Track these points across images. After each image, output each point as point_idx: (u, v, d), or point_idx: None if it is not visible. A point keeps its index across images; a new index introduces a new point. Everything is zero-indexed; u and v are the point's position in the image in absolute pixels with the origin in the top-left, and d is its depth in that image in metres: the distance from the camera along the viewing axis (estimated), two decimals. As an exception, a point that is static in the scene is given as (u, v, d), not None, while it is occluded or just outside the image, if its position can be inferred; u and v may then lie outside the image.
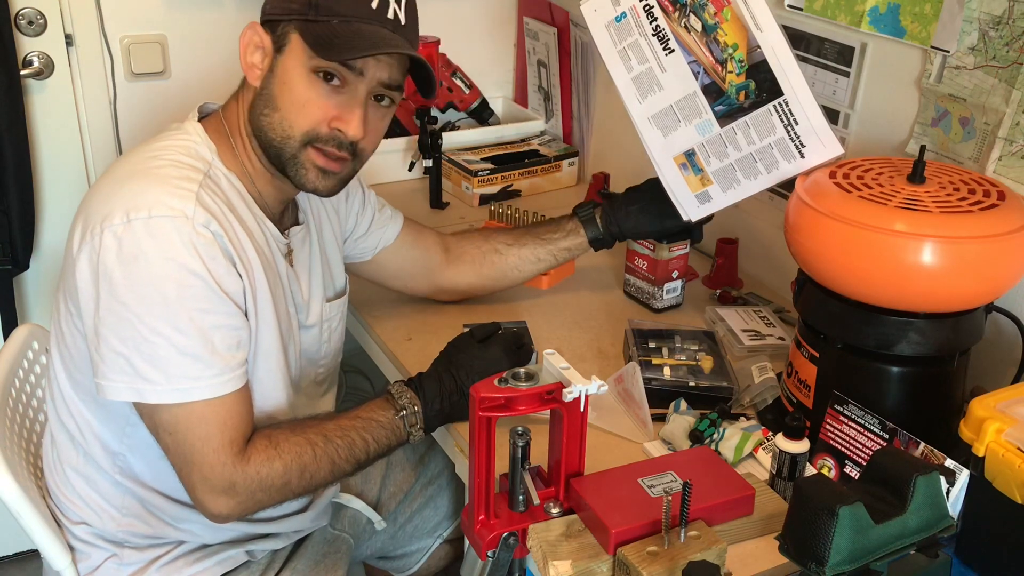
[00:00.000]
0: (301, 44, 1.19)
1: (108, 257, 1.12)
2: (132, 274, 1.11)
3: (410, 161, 2.21)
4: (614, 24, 1.49)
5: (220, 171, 1.24)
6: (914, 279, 1.14)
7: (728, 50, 1.42)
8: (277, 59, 1.21)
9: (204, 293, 1.14)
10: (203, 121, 1.29)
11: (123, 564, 1.33)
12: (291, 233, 1.35)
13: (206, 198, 1.17)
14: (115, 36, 2.07)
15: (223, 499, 1.17)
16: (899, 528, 0.94)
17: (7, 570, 2.36)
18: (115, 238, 1.11)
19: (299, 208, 1.40)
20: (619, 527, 1.02)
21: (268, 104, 1.23)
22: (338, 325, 1.48)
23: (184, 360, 1.13)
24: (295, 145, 1.23)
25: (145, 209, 1.12)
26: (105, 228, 1.12)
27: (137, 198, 1.13)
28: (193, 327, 1.13)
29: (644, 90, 1.50)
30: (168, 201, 1.13)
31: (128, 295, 1.11)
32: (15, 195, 1.94)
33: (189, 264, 1.12)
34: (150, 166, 1.19)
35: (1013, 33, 1.28)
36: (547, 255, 1.62)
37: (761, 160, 1.45)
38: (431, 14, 2.32)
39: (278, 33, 1.21)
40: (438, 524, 1.71)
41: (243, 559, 1.39)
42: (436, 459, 1.72)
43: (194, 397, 1.14)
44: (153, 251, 1.11)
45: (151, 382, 1.13)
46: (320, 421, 1.26)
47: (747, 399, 1.41)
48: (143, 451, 1.26)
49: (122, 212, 1.12)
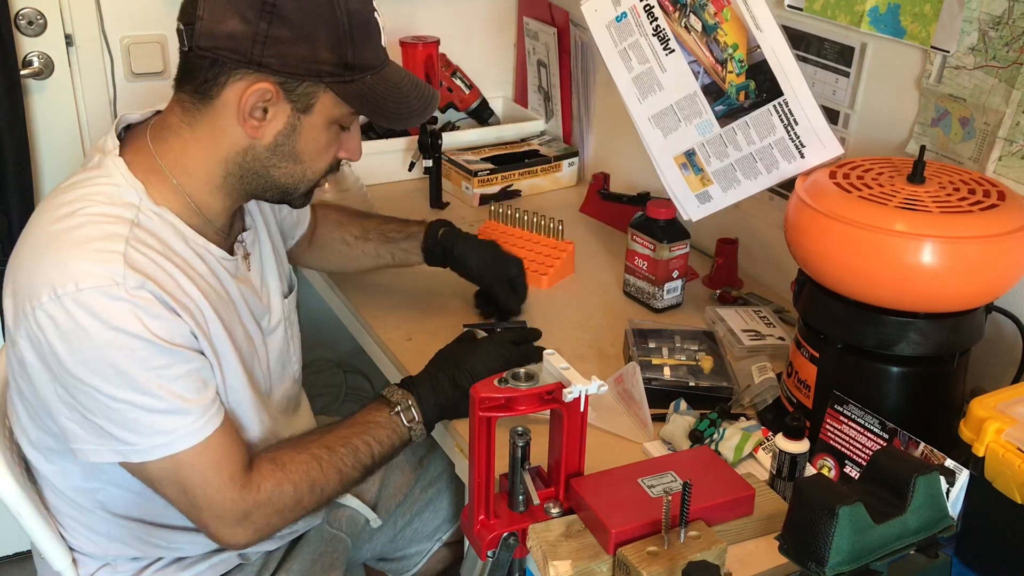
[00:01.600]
0: (335, 103, 1.16)
1: (48, 337, 1.07)
2: (76, 350, 1.06)
3: (410, 161, 2.21)
4: (614, 24, 1.49)
5: (151, 211, 1.15)
6: (914, 279, 1.14)
7: (728, 50, 1.42)
8: (302, 118, 1.16)
9: (153, 352, 1.09)
10: (126, 153, 1.18)
11: (116, 572, 1.34)
12: (243, 238, 1.32)
13: (135, 255, 1.10)
14: (115, 36, 2.07)
15: (240, 530, 1.17)
16: (899, 528, 0.94)
17: (7, 570, 2.36)
18: (48, 317, 1.06)
19: (245, 211, 1.36)
20: (619, 527, 1.02)
21: (287, 159, 1.19)
22: (295, 320, 1.46)
23: (154, 418, 1.10)
24: (310, 186, 1.25)
25: (72, 283, 1.05)
26: (35, 307, 1.07)
27: (60, 271, 1.06)
28: (153, 386, 1.09)
29: (644, 90, 1.50)
30: (94, 270, 1.06)
31: (79, 370, 1.07)
32: (15, 195, 1.95)
33: (131, 329, 1.07)
34: (68, 227, 1.10)
35: (1013, 33, 1.28)
36: (386, 253, 1.64)
37: (761, 160, 1.45)
38: (431, 14, 2.33)
39: (298, 92, 1.13)
40: (438, 527, 1.71)
41: (236, 562, 1.39)
42: (436, 461, 1.72)
43: (177, 448, 1.12)
44: (91, 325, 1.06)
45: (129, 444, 1.11)
46: (320, 434, 1.25)
47: (747, 399, 1.41)
48: (120, 483, 1.24)
49: (48, 289, 1.06)
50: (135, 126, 1.24)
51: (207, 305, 1.18)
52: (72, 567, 1.32)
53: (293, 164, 1.20)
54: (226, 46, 1.10)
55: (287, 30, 1.09)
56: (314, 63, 1.12)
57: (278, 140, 1.17)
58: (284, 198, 1.26)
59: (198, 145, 1.17)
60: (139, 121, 1.24)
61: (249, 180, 1.20)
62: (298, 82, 1.13)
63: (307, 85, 1.14)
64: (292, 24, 1.09)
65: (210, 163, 1.18)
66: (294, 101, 1.14)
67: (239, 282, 1.28)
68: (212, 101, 1.14)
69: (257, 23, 1.08)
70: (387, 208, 2.06)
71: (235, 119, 1.14)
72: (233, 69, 1.11)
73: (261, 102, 1.13)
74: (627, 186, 2.08)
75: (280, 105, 1.14)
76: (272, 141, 1.17)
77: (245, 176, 1.20)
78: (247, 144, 1.17)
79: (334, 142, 1.22)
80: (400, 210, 2.06)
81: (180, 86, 1.17)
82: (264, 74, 1.11)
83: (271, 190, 1.23)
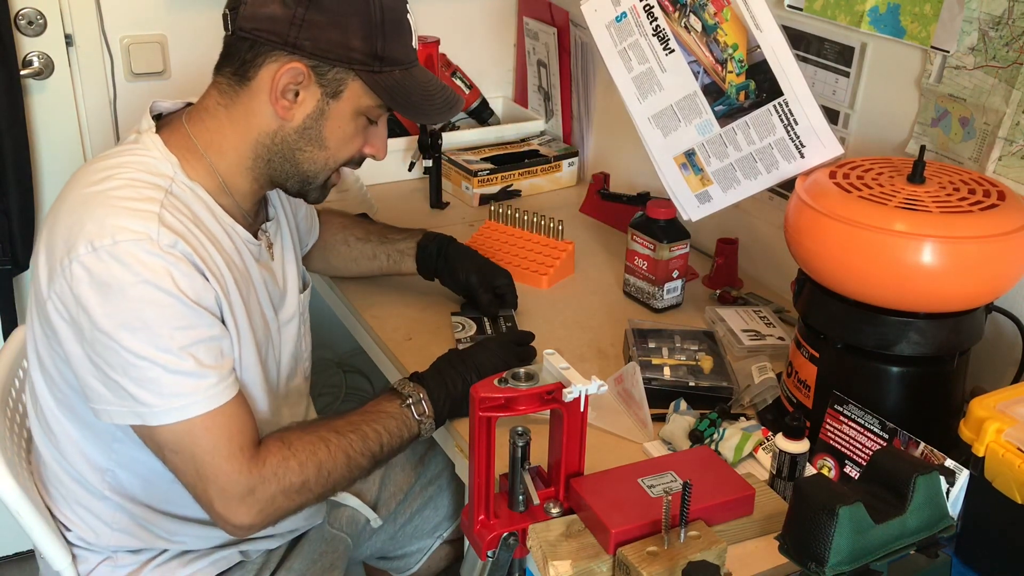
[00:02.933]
0: (363, 93, 1.22)
1: (81, 288, 1.10)
2: (108, 302, 1.10)
3: (410, 161, 2.22)
4: (614, 24, 1.49)
5: (184, 184, 1.21)
6: (914, 279, 1.14)
7: (728, 50, 1.42)
8: (331, 103, 1.21)
9: (181, 311, 1.13)
10: (162, 132, 1.24)
11: (117, 566, 1.34)
12: (267, 227, 1.36)
13: (169, 217, 1.15)
14: (115, 36, 2.07)
15: (243, 508, 1.16)
16: (899, 528, 0.94)
17: (7, 570, 2.36)
18: (84, 269, 1.10)
19: (268, 202, 1.40)
20: (619, 527, 1.02)
21: (313, 143, 1.24)
22: (307, 319, 1.48)
23: (174, 379, 1.12)
24: (329, 174, 1.29)
25: (109, 236, 1.10)
26: (73, 260, 1.10)
27: (98, 226, 1.11)
28: (176, 345, 1.12)
29: (644, 90, 1.50)
30: (131, 225, 1.11)
31: (107, 323, 1.10)
32: (15, 195, 1.95)
33: (162, 284, 1.11)
34: (105, 189, 1.15)
35: (1013, 33, 1.28)
36: (382, 253, 1.67)
37: (761, 160, 1.45)
38: (431, 14, 2.33)
39: (329, 77, 1.20)
40: (438, 525, 1.72)
41: (237, 559, 1.39)
42: (436, 460, 1.73)
43: (192, 413, 1.13)
44: (125, 276, 1.10)
45: (147, 405, 1.13)
46: (329, 419, 1.26)
47: (747, 399, 1.41)
48: (132, 466, 1.26)
49: (86, 242, 1.10)
50: (166, 115, 1.30)
51: (231, 279, 1.22)
52: (72, 566, 1.32)
53: (318, 150, 1.25)
54: (266, 28, 1.17)
55: (322, 15, 1.16)
56: (345, 49, 1.18)
57: (306, 123, 1.22)
58: (303, 187, 1.30)
59: (233, 126, 1.23)
60: (171, 111, 1.30)
61: (276, 164, 1.25)
62: (329, 66, 1.19)
63: (338, 71, 1.19)
64: (327, 10, 1.16)
65: (242, 144, 1.24)
66: (324, 86, 1.20)
67: (261, 267, 1.32)
68: (248, 83, 1.21)
69: (295, 7, 1.16)
70: (387, 208, 2.07)
71: (268, 100, 1.20)
72: (270, 51, 1.18)
73: (293, 83, 1.19)
74: (627, 186, 2.08)
75: (311, 89, 1.20)
76: (301, 124, 1.22)
77: (273, 160, 1.25)
78: (277, 126, 1.22)
79: (360, 133, 1.27)
80: (400, 210, 2.08)
81: (219, 70, 1.24)
82: (298, 56, 1.18)
83: (293, 176, 1.27)
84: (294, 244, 1.45)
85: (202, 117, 1.25)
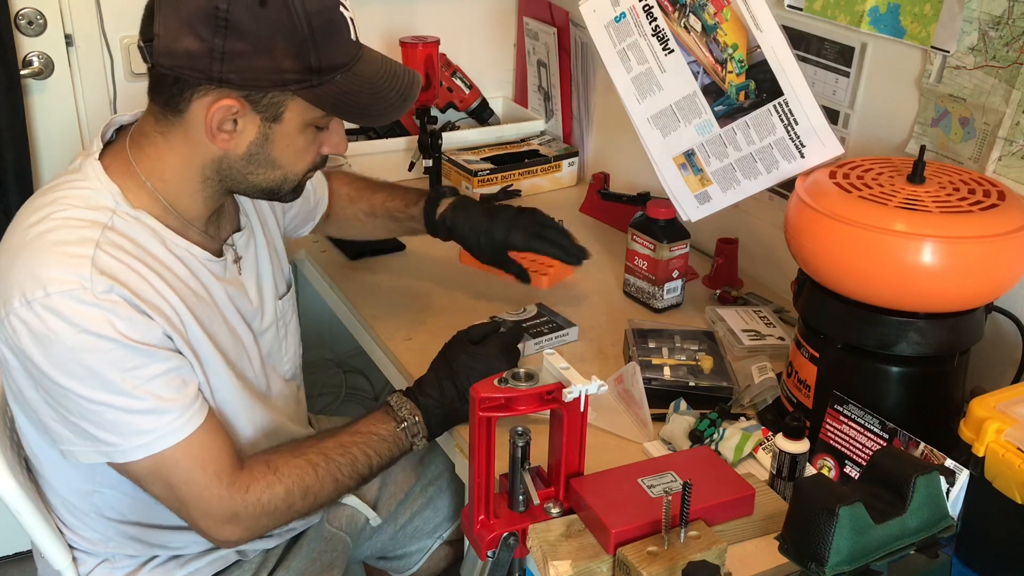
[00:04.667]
0: (305, 108, 1.14)
1: (22, 342, 1.08)
2: (50, 354, 1.08)
3: (410, 161, 2.21)
4: (614, 24, 1.49)
5: (127, 215, 1.15)
6: (914, 279, 1.14)
7: (728, 50, 1.42)
8: (273, 127, 1.14)
9: (126, 353, 1.10)
10: (106, 157, 1.19)
11: (115, 568, 1.34)
12: (235, 239, 1.31)
13: (104, 259, 1.10)
14: (115, 36, 2.07)
15: (229, 528, 1.17)
16: (899, 528, 0.94)
17: (7, 570, 2.36)
18: (21, 323, 1.08)
19: (239, 210, 1.36)
20: (619, 527, 1.02)
21: (264, 165, 1.18)
22: (292, 319, 1.46)
23: (133, 418, 1.11)
24: (293, 184, 1.23)
25: (40, 288, 1.07)
26: (9, 313, 1.08)
27: (30, 277, 1.08)
28: (128, 387, 1.10)
29: (644, 90, 1.50)
30: (62, 276, 1.07)
31: (54, 373, 1.08)
32: (15, 195, 1.94)
33: (101, 331, 1.08)
34: (41, 231, 1.11)
35: (1013, 33, 1.28)
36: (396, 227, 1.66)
37: (761, 160, 1.45)
38: (431, 14, 2.33)
39: (264, 103, 1.12)
40: (438, 525, 1.71)
41: (234, 558, 1.39)
42: (436, 460, 1.72)
43: (158, 448, 1.13)
44: (61, 328, 1.07)
45: (111, 444, 1.12)
46: (319, 440, 1.25)
47: (747, 399, 1.41)
48: (117, 486, 1.25)
49: (19, 295, 1.07)
50: (125, 128, 1.24)
51: (183, 307, 1.18)
52: (72, 566, 1.32)
53: (272, 170, 1.19)
54: (185, 64, 1.09)
55: (243, 43, 1.07)
56: (277, 73, 1.10)
57: (251, 150, 1.16)
58: (271, 197, 1.25)
59: (173, 154, 1.17)
60: (130, 123, 1.24)
61: (229, 184, 1.21)
62: (263, 93, 1.11)
63: (273, 95, 1.12)
64: (248, 37, 1.07)
65: (187, 171, 1.18)
66: (262, 112, 1.13)
67: (226, 283, 1.28)
68: (181, 115, 1.13)
69: (212, 39, 1.07)
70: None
71: (205, 134, 1.13)
72: (196, 85, 1.10)
73: (228, 117, 1.12)
74: (627, 186, 2.08)
75: (248, 116, 1.13)
76: (246, 151, 1.16)
77: (224, 180, 1.20)
78: (221, 154, 1.16)
79: (312, 143, 1.21)
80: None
81: (151, 98, 1.16)
82: (227, 89, 1.10)
83: (254, 192, 1.23)
84: (272, 248, 1.41)
85: (141, 144, 1.18)
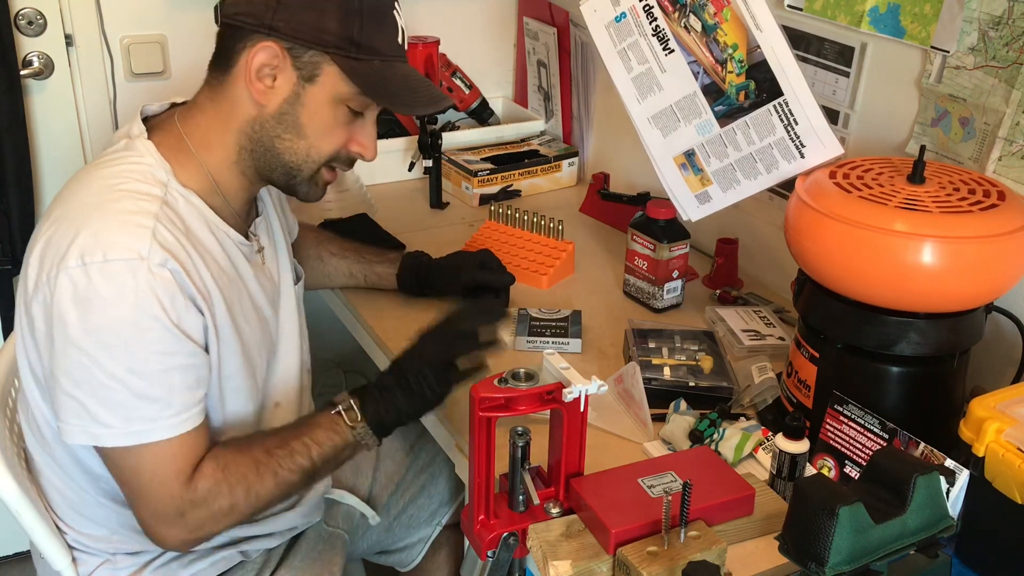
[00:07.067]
0: (340, 79, 1.19)
1: (62, 300, 1.09)
2: (87, 318, 1.09)
3: (410, 161, 2.22)
4: (614, 24, 1.49)
5: (177, 192, 1.19)
6: (914, 279, 1.14)
7: (728, 50, 1.42)
8: (306, 88, 1.19)
9: (163, 335, 1.11)
10: (153, 136, 1.23)
11: (117, 569, 1.33)
12: (256, 225, 1.35)
13: (163, 232, 1.13)
14: (115, 36, 2.07)
15: (173, 530, 1.17)
16: (899, 528, 0.94)
17: (7, 570, 2.36)
18: (70, 281, 1.09)
19: (259, 198, 1.39)
20: (619, 527, 1.02)
21: (291, 130, 1.22)
22: (302, 311, 1.47)
23: (141, 404, 1.12)
24: (314, 168, 1.26)
25: (100, 252, 1.09)
26: (60, 271, 1.09)
27: (92, 239, 1.10)
28: (151, 370, 1.11)
29: (644, 90, 1.50)
30: (123, 242, 1.10)
31: (84, 339, 1.09)
32: (15, 195, 1.95)
33: (147, 307, 1.10)
34: (107, 199, 1.14)
35: (1013, 33, 1.28)
36: (359, 273, 1.68)
37: (761, 160, 1.45)
38: (431, 14, 2.33)
39: (304, 60, 1.18)
40: (435, 511, 1.71)
41: (237, 559, 1.39)
42: (427, 447, 1.72)
43: (150, 439, 1.13)
44: (110, 295, 1.08)
45: (107, 426, 1.12)
46: (265, 436, 1.24)
47: (747, 399, 1.41)
48: None
49: (77, 255, 1.09)
50: (154, 117, 1.29)
51: (217, 291, 1.21)
52: (72, 567, 1.32)
53: (297, 138, 1.22)
54: (244, 11, 1.17)
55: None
56: (320, 31, 1.17)
57: (283, 108, 1.21)
58: (289, 180, 1.27)
59: (218, 119, 1.23)
60: (158, 113, 1.29)
61: (259, 155, 1.24)
62: (304, 49, 1.18)
63: (313, 54, 1.18)
64: None
65: (226, 136, 1.23)
66: (299, 68, 1.19)
67: (254, 267, 1.31)
68: (230, 71, 1.20)
69: None
70: (387, 208, 2.07)
71: (245, 85, 1.19)
72: (249, 35, 1.18)
73: (268, 64, 1.18)
74: (627, 186, 2.08)
75: (287, 73, 1.19)
76: (278, 109, 1.21)
77: (256, 150, 1.24)
78: (256, 112, 1.21)
79: (342, 126, 1.24)
80: (400, 210, 2.08)
81: (210, 67, 1.24)
82: (274, 37, 1.17)
83: (277, 168, 1.25)
84: (285, 238, 1.45)
85: (193, 114, 1.25)
